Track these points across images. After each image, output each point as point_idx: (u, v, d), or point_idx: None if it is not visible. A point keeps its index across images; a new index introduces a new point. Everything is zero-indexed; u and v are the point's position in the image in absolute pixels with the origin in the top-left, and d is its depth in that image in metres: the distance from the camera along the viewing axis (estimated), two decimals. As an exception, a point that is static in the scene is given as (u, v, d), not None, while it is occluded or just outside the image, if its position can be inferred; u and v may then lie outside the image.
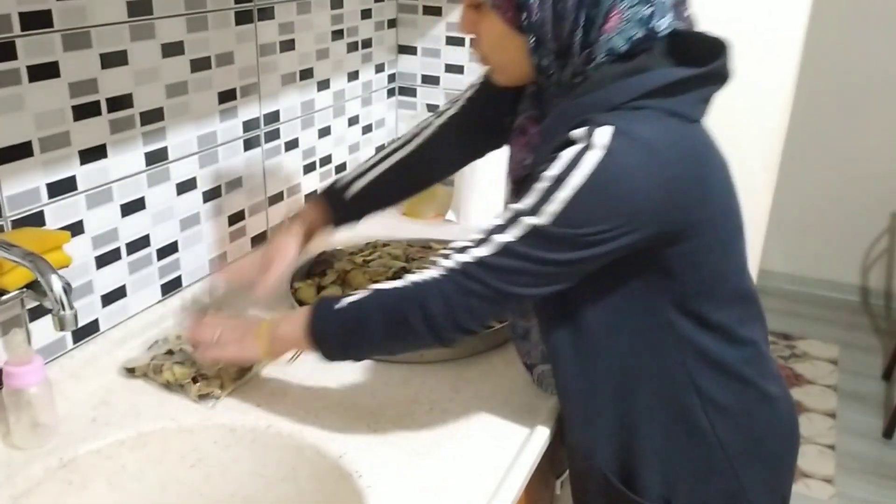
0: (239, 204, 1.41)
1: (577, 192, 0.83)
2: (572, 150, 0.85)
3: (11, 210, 1.00)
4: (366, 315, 0.94)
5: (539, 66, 0.91)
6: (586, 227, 0.85)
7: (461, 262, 0.89)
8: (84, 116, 1.07)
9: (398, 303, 0.92)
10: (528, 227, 0.86)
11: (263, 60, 1.39)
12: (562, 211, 0.84)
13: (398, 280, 0.94)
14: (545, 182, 0.85)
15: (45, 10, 0.99)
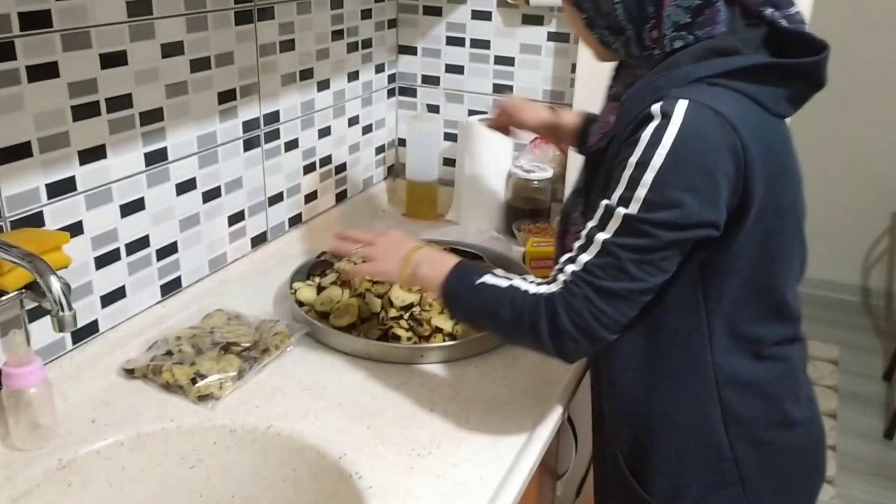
0: (239, 204, 1.40)
1: (661, 170, 0.85)
2: (650, 128, 0.86)
3: (11, 210, 1.00)
4: (497, 307, 0.95)
5: (601, 40, 0.98)
6: (675, 205, 0.85)
7: (572, 273, 0.91)
8: (84, 117, 1.07)
9: (529, 311, 0.92)
10: (622, 218, 0.87)
11: (263, 60, 1.39)
12: (650, 194, 0.86)
13: (532, 283, 0.95)
14: (629, 169, 0.87)
15: (45, 10, 0.99)
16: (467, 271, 1.00)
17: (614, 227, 0.88)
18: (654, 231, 0.86)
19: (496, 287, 0.96)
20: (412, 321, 1.24)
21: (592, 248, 0.90)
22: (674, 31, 0.91)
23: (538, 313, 0.91)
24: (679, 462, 1.00)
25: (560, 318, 0.90)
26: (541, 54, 1.70)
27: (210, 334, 1.20)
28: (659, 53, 0.93)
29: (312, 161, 1.59)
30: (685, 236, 0.87)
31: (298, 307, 1.29)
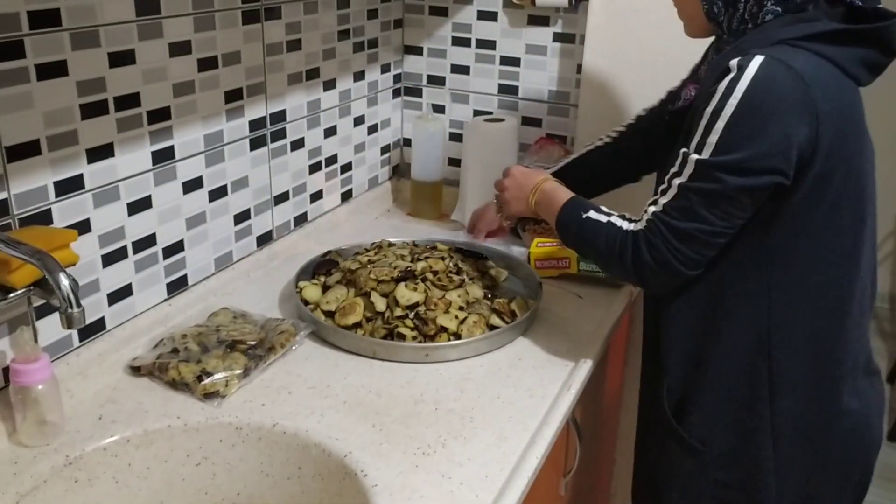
0: (244, 203, 1.41)
1: (731, 118, 0.92)
2: (726, 80, 0.93)
3: (19, 208, 1.01)
4: (596, 237, 1.09)
5: (709, 12, 1.03)
6: (743, 150, 0.92)
7: (653, 213, 1.02)
8: (92, 115, 1.07)
9: (619, 244, 1.05)
10: (694, 164, 0.95)
11: (270, 60, 1.40)
12: (720, 140, 0.93)
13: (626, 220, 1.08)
14: (704, 118, 0.94)
15: (54, 9, 0.99)
16: (577, 206, 1.14)
17: (689, 172, 0.97)
18: (721, 175, 0.94)
19: (598, 221, 1.09)
20: (417, 320, 1.25)
21: (670, 192, 0.99)
22: (773, 4, 0.98)
23: (625, 246, 1.04)
24: (718, 405, 1.07)
25: (642, 252, 1.02)
26: (546, 55, 1.70)
27: (216, 332, 1.20)
28: (751, 28, 1.01)
29: (318, 160, 1.60)
30: (752, 182, 0.93)
31: (304, 306, 1.29)
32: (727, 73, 0.94)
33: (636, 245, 1.03)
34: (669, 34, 1.53)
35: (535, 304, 1.33)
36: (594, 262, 1.19)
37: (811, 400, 1.05)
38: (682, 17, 1.11)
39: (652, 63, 1.56)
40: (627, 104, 1.59)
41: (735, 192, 0.95)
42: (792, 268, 1.01)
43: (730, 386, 1.06)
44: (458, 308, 1.28)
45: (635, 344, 1.71)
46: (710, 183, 0.95)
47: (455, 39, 1.77)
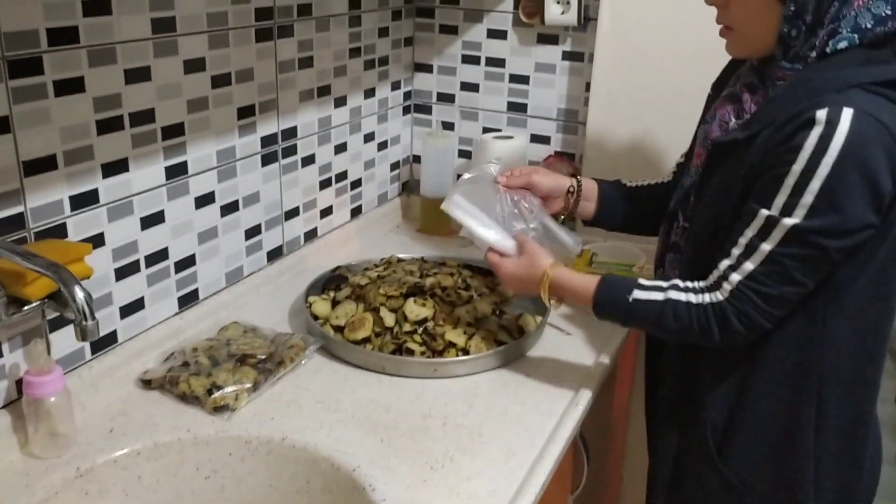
0: (256, 218, 1.42)
1: (827, 180, 0.88)
2: (814, 135, 0.88)
3: (35, 222, 1.02)
4: (659, 319, 1.01)
5: (787, 36, 0.96)
6: (841, 212, 0.89)
7: (738, 282, 0.96)
8: (107, 131, 1.09)
9: (698, 320, 0.99)
10: (787, 229, 0.91)
11: (282, 77, 1.41)
12: (816, 202, 0.89)
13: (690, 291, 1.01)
14: (791, 177, 0.89)
15: (73, 27, 1.01)
16: (615, 288, 1.05)
17: (779, 237, 0.92)
18: (820, 240, 0.90)
19: (652, 301, 1.02)
20: (426, 336, 1.25)
21: (756, 257, 0.94)
22: (849, 32, 0.92)
23: (708, 321, 0.98)
24: (760, 446, 1.04)
25: (731, 322, 0.97)
26: (555, 73, 1.72)
27: (226, 346, 1.21)
28: (814, 56, 0.95)
29: (328, 176, 1.61)
30: (849, 242, 0.91)
31: (314, 320, 1.30)
32: (810, 126, 0.88)
33: (724, 318, 0.97)
34: (678, 53, 1.55)
35: (543, 319, 1.34)
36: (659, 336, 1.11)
37: (849, 439, 1.03)
38: (735, 36, 1.03)
39: (661, 82, 1.57)
40: (636, 122, 1.60)
41: (833, 252, 0.92)
42: (848, 308, 0.98)
43: (773, 427, 1.03)
44: (467, 324, 1.28)
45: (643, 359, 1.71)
46: (808, 248, 0.91)
47: (465, 57, 1.79)
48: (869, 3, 0.91)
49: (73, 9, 1.01)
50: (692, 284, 1.02)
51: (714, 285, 0.99)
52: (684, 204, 1.11)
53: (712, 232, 1.02)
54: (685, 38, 1.53)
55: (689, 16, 1.51)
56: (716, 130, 1.06)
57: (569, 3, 1.63)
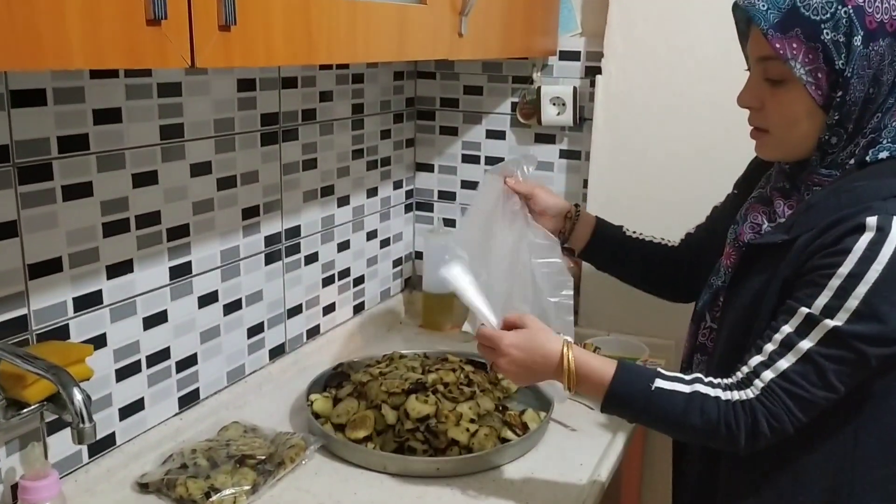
0: (259, 317, 1.43)
1: (876, 285, 0.86)
2: (864, 240, 0.86)
3: (38, 323, 1.03)
4: (683, 414, 0.94)
5: (826, 143, 0.95)
6: (886, 322, 0.86)
7: (771, 380, 0.91)
8: (113, 233, 1.11)
9: (725, 418, 0.93)
10: (827, 330, 0.88)
11: (286, 178, 1.45)
12: (861, 307, 0.87)
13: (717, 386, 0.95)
14: (837, 279, 0.87)
15: (83, 134, 1.05)
16: (635, 375, 0.99)
17: (818, 337, 0.88)
18: (860, 345, 0.87)
19: (678, 393, 0.95)
20: (428, 433, 1.23)
21: (792, 356, 0.90)
22: (890, 143, 0.93)
23: (737, 420, 0.92)
24: None
25: (760, 424, 0.91)
26: (553, 171, 1.76)
27: (226, 447, 1.19)
28: (852, 164, 0.94)
29: (331, 273, 1.63)
30: (890, 352, 0.88)
31: (314, 419, 1.28)
32: (860, 231, 0.87)
33: (754, 418, 0.92)
34: (673, 152, 1.59)
35: (546, 416, 1.32)
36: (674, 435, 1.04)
37: None
38: (770, 140, 1.00)
39: (656, 179, 1.60)
40: (632, 219, 1.61)
41: (872, 359, 0.88)
42: (881, 422, 0.95)
43: None
44: (469, 420, 1.27)
45: (652, 454, 1.67)
46: (847, 352, 0.88)
47: (465, 157, 1.84)
48: None
49: (83, 117, 1.05)
50: (717, 380, 0.96)
51: (743, 382, 0.94)
52: (712, 305, 1.08)
53: (744, 333, 0.99)
54: (679, 138, 1.58)
55: (684, 116, 1.57)
56: (748, 233, 1.03)
57: (564, 105, 1.68)
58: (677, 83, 1.55)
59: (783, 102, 0.96)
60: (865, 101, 0.92)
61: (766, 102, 0.98)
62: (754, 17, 0.93)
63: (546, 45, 1.65)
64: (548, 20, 1.64)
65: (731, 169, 1.22)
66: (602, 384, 0.99)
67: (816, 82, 0.92)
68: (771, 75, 0.96)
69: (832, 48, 0.91)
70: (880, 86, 0.92)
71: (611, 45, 1.59)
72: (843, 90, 0.91)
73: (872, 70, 0.91)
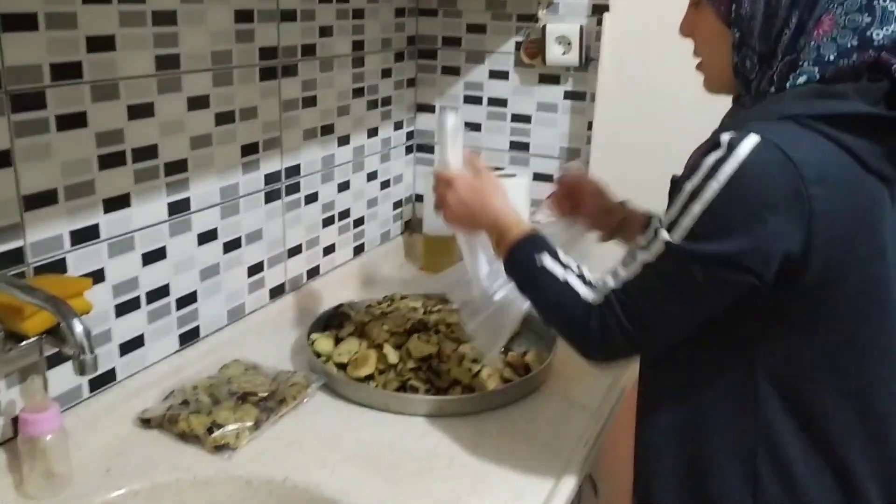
0: (258, 256, 1.41)
1: (710, 205, 0.81)
2: (712, 157, 0.81)
3: (34, 256, 1.01)
4: (546, 292, 0.96)
5: (740, 67, 0.90)
6: (716, 243, 0.81)
7: (610, 288, 0.90)
8: (110, 166, 1.09)
9: (571, 307, 0.93)
10: (664, 245, 0.85)
11: (286, 115, 1.42)
12: (694, 226, 0.82)
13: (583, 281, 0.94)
14: (683, 194, 0.84)
15: (76, 62, 1.02)
16: (535, 246, 0.98)
17: (655, 252, 0.86)
18: (688, 264, 0.83)
19: (552, 275, 0.95)
20: (430, 373, 1.23)
21: (633, 268, 0.88)
22: (810, 65, 0.84)
23: (577, 316, 0.92)
24: None
25: (592, 329, 0.91)
26: (557, 112, 1.72)
27: (227, 384, 1.19)
28: (773, 92, 0.87)
29: (331, 214, 1.60)
30: (721, 277, 0.83)
31: (316, 358, 1.28)
32: (715, 149, 0.82)
33: (588, 320, 0.91)
34: (680, 93, 1.55)
35: (549, 357, 1.31)
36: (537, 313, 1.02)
37: None
38: (703, 70, 0.98)
39: (662, 121, 1.57)
40: (638, 161, 1.60)
41: (701, 282, 0.83)
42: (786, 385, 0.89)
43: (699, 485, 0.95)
44: (472, 361, 1.26)
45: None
46: (674, 268, 0.84)
47: (467, 97, 1.80)
48: (834, 32, 0.82)
49: (76, 44, 1.01)
50: (589, 278, 0.94)
51: (596, 287, 0.93)
52: None
53: None
54: (686, 77, 1.53)
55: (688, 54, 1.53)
56: None
57: (570, 44, 1.64)
58: (687, 21, 1.51)
59: (700, 26, 0.94)
60: (766, 15, 0.86)
61: (693, 29, 0.95)
62: None
63: (552, -20, 1.60)
64: (555, -46, 1.59)
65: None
66: (509, 245, 1.00)
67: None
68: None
69: None
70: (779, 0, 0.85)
71: (619, -20, 1.55)
72: (737, 3, 0.87)
73: None
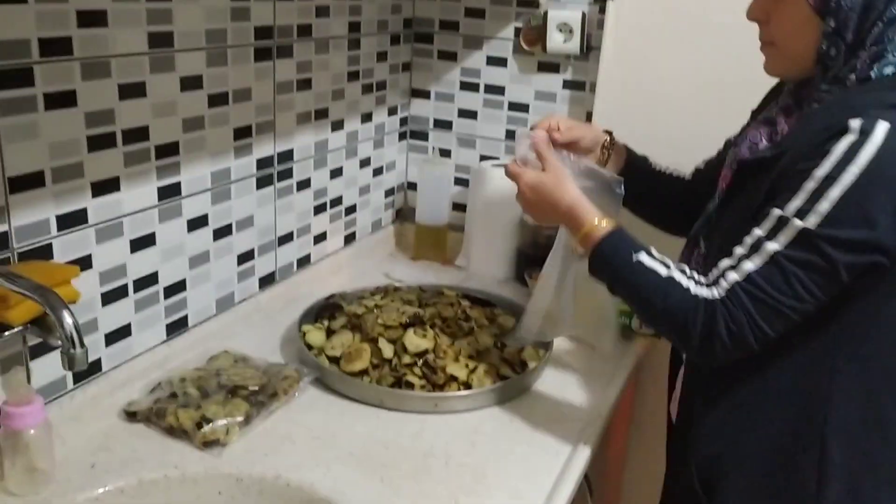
0: (249, 243, 1.37)
1: (851, 189, 0.82)
2: (844, 143, 0.83)
3: (19, 242, 0.96)
4: (651, 294, 0.93)
5: (826, 54, 0.91)
6: (861, 227, 0.83)
7: (734, 282, 0.88)
8: (99, 147, 1.04)
9: (685, 310, 0.91)
10: (797, 231, 0.85)
11: (280, 98, 1.37)
12: (834, 210, 0.83)
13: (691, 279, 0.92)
14: (812, 181, 0.84)
15: (66, 37, 0.96)
16: (624, 241, 0.98)
17: (787, 239, 0.85)
18: (829, 249, 0.84)
19: (654, 272, 0.94)
20: (426, 368, 1.20)
21: (758, 258, 0.87)
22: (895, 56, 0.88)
23: (695, 315, 0.90)
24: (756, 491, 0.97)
25: (717, 324, 0.88)
26: (556, 101, 1.69)
27: (216, 376, 1.15)
28: (854, 80, 0.90)
29: (323, 202, 1.56)
30: (859, 260, 0.85)
31: (308, 350, 1.24)
32: (843, 135, 0.83)
33: (712, 317, 0.89)
34: (682, 86, 1.53)
35: (546, 354, 1.29)
36: (638, 313, 1.02)
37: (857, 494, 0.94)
38: (776, 53, 0.98)
39: (663, 113, 1.55)
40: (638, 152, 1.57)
41: (839, 267, 0.85)
42: (861, 358, 0.92)
43: (771, 470, 0.95)
44: (468, 356, 1.23)
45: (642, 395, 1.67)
46: (814, 256, 0.85)
47: (463, 84, 1.76)
48: None
49: (66, 19, 0.96)
50: (697, 276, 0.94)
51: (712, 283, 0.91)
52: (707, 230, 1.04)
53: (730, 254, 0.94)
54: (689, 69, 1.52)
55: (693, 46, 1.50)
56: (744, 152, 1.00)
57: (571, 32, 1.61)
58: (692, 12, 1.48)
59: (785, 12, 0.94)
60: (864, 7, 0.88)
61: (771, 14, 0.96)
62: None
63: (556, -33, 1.57)
64: (559, -60, 1.55)
65: (746, 104, 1.16)
66: (594, 241, 0.99)
67: None
68: None
69: None
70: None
71: (625, -31, 1.51)
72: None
73: None
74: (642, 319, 1.01)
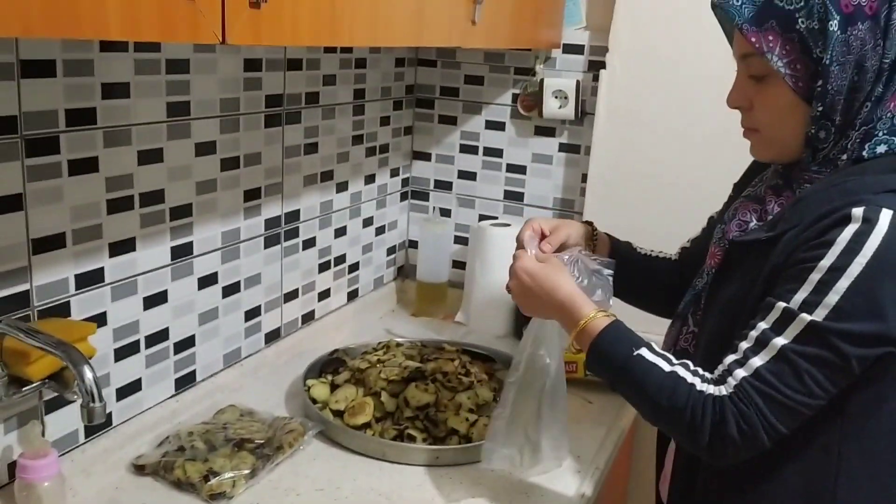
0: (256, 300, 1.42)
1: (859, 280, 0.80)
2: (848, 231, 0.81)
3: (40, 299, 1.01)
4: (654, 390, 0.89)
5: (814, 137, 0.89)
6: (872, 319, 0.81)
7: (743, 379, 0.85)
8: (117, 210, 1.09)
9: (693, 407, 0.87)
10: (805, 325, 0.82)
11: (288, 161, 1.43)
12: (842, 302, 0.80)
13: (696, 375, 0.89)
14: (818, 272, 0.81)
15: (91, 108, 1.03)
16: (622, 335, 0.94)
17: (794, 333, 0.82)
18: (840, 343, 0.81)
19: (656, 367, 0.90)
20: (428, 422, 1.23)
21: (766, 353, 0.84)
22: (888, 135, 0.87)
23: (704, 414, 0.86)
24: None
25: (728, 424, 0.85)
26: (552, 164, 1.76)
27: (223, 430, 1.18)
28: (846, 160, 0.89)
29: (328, 259, 1.61)
30: (870, 352, 0.82)
31: (312, 404, 1.28)
32: (846, 223, 0.81)
33: (722, 415, 0.85)
34: (673, 150, 1.60)
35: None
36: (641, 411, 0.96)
37: None
38: (762, 139, 0.96)
39: (656, 175, 1.61)
40: (632, 214, 1.63)
41: (851, 360, 0.82)
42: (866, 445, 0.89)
43: None
44: (469, 410, 1.27)
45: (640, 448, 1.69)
46: (825, 350, 0.81)
47: (463, 147, 1.83)
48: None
49: (92, 91, 1.03)
50: (702, 371, 0.90)
51: (718, 379, 0.88)
52: (695, 307, 1.02)
53: (725, 336, 0.92)
54: (681, 133, 1.59)
55: (687, 114, 1.57)
56: (734, 230, 0.98)
57: (566, 98, 1.68)
58: (681, 81, 1.56)
59: (768, 98, 0.92)
60: (851, 89, 0.87)
61: (754, 101, 0.94)
62: (729, 14, 0.89)
63: (551, 37, 1.65)
64: (553, 12, 1.64)
65: (733, 167, 1.20)
66: (591, 336, 0.95)
67: (795, 74, 0.88)
68: (753, 72, 0.92)
69: (808, 36, 0.86)
70: (864, 72, 0.86)
71: (616, 39, 1.59)
72: (824, 79, 0.86)
73: (854, 56, 0.86)
74: (645, 417, 0.95)
